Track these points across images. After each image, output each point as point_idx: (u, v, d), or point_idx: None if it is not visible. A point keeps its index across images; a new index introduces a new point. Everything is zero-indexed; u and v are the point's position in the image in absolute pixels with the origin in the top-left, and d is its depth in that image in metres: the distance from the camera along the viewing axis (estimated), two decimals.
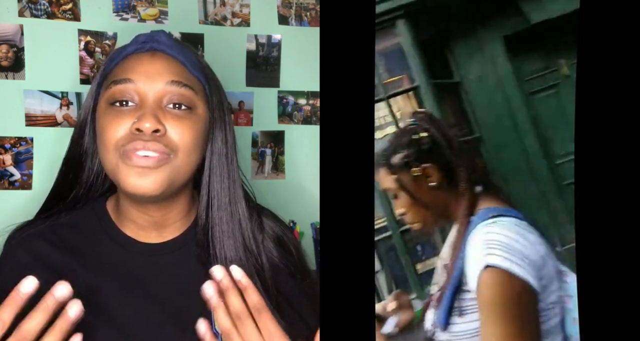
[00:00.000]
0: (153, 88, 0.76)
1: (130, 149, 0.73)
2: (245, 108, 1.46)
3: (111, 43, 1.32)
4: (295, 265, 0.90)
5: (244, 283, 0.67)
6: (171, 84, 0.76)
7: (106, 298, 0.77)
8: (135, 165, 0.73)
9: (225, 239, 0.82)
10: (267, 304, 0.80)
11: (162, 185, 0.74)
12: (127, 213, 0.82)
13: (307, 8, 1.50)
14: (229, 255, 0.81)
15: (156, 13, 1.36)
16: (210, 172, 0.82)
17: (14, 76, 1.25)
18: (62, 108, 1.29)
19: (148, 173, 0.73)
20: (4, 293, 0.77)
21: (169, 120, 0.75)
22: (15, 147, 1.26)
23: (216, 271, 0.67)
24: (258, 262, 0.84)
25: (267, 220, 0.91)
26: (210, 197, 0.83)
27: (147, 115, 0.73)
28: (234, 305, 0.65)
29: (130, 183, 0.73)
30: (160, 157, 0.74)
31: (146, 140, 0.73)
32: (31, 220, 0.86)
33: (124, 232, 0.83)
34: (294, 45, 1.49)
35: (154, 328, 0.77)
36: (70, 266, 0.78)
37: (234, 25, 1.43)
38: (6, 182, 1.26)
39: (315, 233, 1.49)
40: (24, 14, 1.25)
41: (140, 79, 0.76)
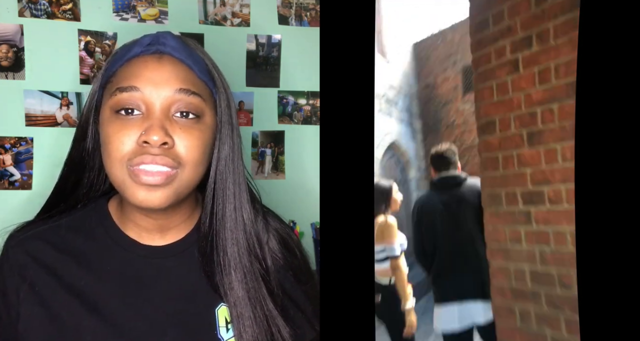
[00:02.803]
0: (160, 97, 0.73)
1: (137, 163, 0.72)
2: (245, 108, 1.46)
3: (111, 43, 1.32)
4: (300, 267, 0.89)
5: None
6: (179, 92, 0.74)
7: (107, 300, 0.77)
8: (143, 183, 0.72)
9: (228, 247, 0.81)
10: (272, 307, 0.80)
11: (168, 200, 0.74)
12: (130, 216, 0.81)
13: (307, 8, 1.50)
14: (232, 263, 0.80)
15: (156, 13, 1.36)
16: (216, 179, 0.81)
17: (14, 76, 1.25)
18: (62, 108, 1.29)
19: (155, 190, 0.72)
20: (4, 293, 0.78)
21: (177, 130, 0.74)
22: (15, 147, 1.26)
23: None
24: (263, 266, 0.83)
25: (273, 221, 0.90)
26: (215, 204, 0.81)
27: (155, 128, 0.72)
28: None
29: (138, 198, 0.72)
30: (167, 173, 0.73)
31: (154, 154, 0.71)
32: (31, 220, 0.85)
33: (126, 233, 0.82)
34: (294, 45, 1.49)
35: (156, 330, 0.77)
36: (71, 267, 0.78)
37: (234, 25, 1.43)
38: (6, 182, 1.26)
39: (315, 233, 1.49)
40: (24, 14, 1.25)
41: (146, 87, 0.73)
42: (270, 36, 1.47)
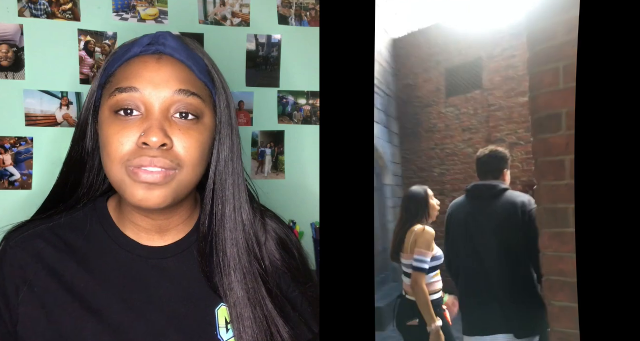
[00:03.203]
0: (160, 98, 0.73)
1: (137, 165, 0.72)
2: (245, 108, 1.46)
3: (111, 43, 1.32)
4: (298, 268, 0.89)
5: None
6: (179, 93, 0.74)
7: (107, 301, 0.77)
8: (142, 181, 0.72)
9: (228, 248, 0.81)
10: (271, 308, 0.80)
11: (167, 200, 0.74)
12: (128, 216, 0.81)
13: (307, 8, 1.50)
14: (232, 264, 0.80)
15: (156, 13, 1.36)
16: (215, 180, 0.81)
17: (14, 76, 1.25)
18: (62, 108, 1.29)
19: (154, 189, 0.72)
20: (5, 293, 0.77)
21: (176, 132, 0.74)
22: (15, 147, 1.26)
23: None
24: (262, 267, 0.83)
25: (271, 222, 0.90)
26: (215, 205, 0.81)
27: (154, 129, 0.72)
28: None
29: (137, 197, 0.72)
30: (166, 173, 0.73)
31: (153, 156, 0.72)
32: (29, 220, 0.85)
33: (125, 234, 0.82)
34: (294, 45, 1.49)
35: (155, 331, 0.77)
36: (70, 267, 0.78)
37: (234, 25, 1.43)
38: (6, 182, 1.26)
39: (315, 233, 1.49)
40: (24, 14, 1.25)
41: (146, 88, 0.73)
42: (270, 36, 1.47)
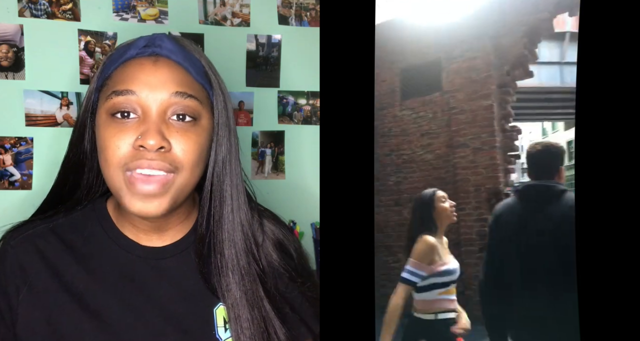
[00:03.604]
0: (156, 100, 0.73)
1: (134, 168, 0.72)
2: (245, 108, 1.46)
3: (111, 43, 1.32)
4: (296, 268, 0.89)
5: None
6: (175, 95, 0.74)
7: (106, 301, 0.77)
8: (140, 192, 0.72)
9: (225, 249, 0.80)
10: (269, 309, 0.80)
11: (166, 207, 0.74)
12: (127, 217, 0.81)
13: (307, 8, 1.50)
14: (229, 265, 0.80)
15: (156, 13, 1.36)
16: (213, 181, 0.81)
17: (14, 76, 1.25)
18: (62, 108, 1.29)
19: (152, 200, 0.72)
20: (5, 293, 0.77)
21: (173, 134, 0.73)
22: (15, 147, 1.26)
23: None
24: (259, 267, 0.83)
25: (268, 222, 0.89)
26: (212, 206, 0.81)
27: (151, 131, 0.71)
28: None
29: (135, 207, 0.73)
30: (164, 179, 0.73)
31: (150, 159, 0.71)
32: (27, 220, 0.85)
33: (124, 234, 0.82)
34: (294, 45, 1.49)
35: (154, 331, 0.77)
36: (69, 267, 0.78)
37: (234, 25, 1.43)
38: (6, 182, 1.26)
39: (315, 233, 1.49)
40: (24, 14, 1.25)
41: (142, 90, 0.73)
42: (270, 36, 1.47)
